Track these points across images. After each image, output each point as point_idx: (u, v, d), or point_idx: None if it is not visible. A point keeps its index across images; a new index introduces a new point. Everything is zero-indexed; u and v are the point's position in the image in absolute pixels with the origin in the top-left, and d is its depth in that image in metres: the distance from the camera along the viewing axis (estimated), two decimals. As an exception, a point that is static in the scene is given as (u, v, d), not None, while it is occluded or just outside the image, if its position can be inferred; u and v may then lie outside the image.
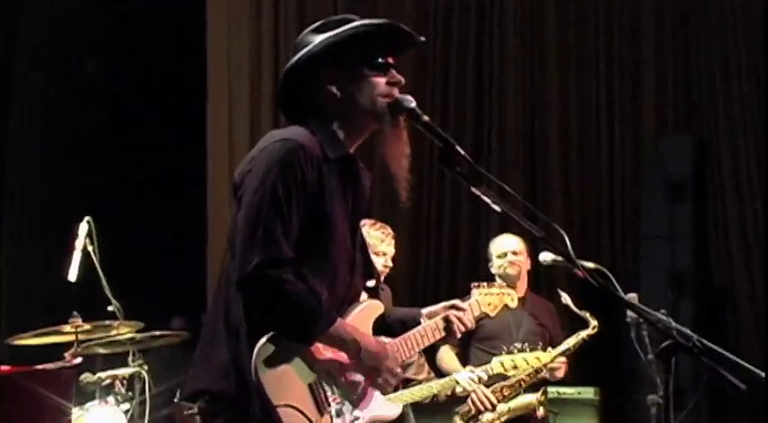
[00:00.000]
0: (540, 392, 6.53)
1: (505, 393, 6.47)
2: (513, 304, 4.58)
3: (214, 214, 9.21)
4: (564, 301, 6.47)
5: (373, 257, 5.99)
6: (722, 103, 9.23)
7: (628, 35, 9.72)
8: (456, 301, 4.06)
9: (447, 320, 3.94)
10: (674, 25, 9.58)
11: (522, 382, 6.48)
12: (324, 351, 3.49)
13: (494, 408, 6.39)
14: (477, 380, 5.75)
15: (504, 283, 4.66)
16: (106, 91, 9.97)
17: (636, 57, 9.66)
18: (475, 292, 4.35)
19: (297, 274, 3.40)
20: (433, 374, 6.19)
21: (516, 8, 9.94)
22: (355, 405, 3.57)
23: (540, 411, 6.53)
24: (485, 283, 4.46)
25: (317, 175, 3.45)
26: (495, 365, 5.88)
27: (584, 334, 6.54)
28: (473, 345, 6.75)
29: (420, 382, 6.00)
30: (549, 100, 9.81)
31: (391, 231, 6.23)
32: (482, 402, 6.39)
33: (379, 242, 6.13)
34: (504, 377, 6.39)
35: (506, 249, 6.90)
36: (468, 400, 6.46)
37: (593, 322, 6.49)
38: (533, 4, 9.95)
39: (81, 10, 9.61)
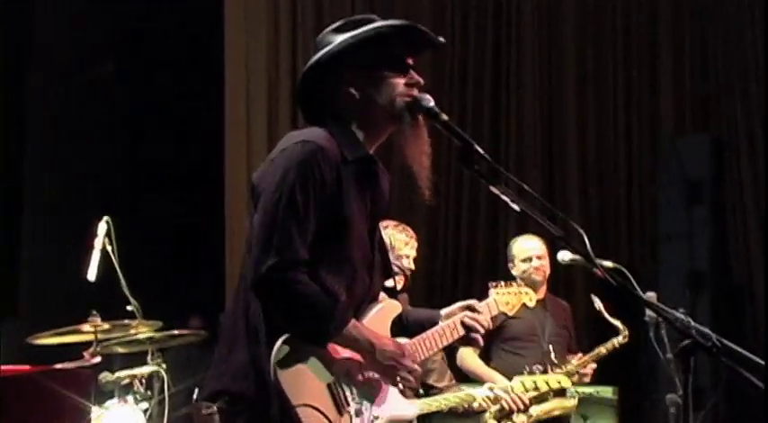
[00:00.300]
0: (569, 396, 6.52)
1: (535, 396, 6.48)
2: (532, 303, 4.59)
3: (232, 213, 9.22)
4: (597, 306, 6.43)
5: (396, 260, 6.04)
6: (740, 101, 9.22)
7: (645, 34, 9.72)
8: (473, 302, 4.04)
9: (464, 323, 3.92)
10: (691, 24, 9.57)
11: (518, 402, 6.48)
12: (341, 351, 3.49)
13: (526, 409, 6.39)
14: (494, 398, 5.74)
15: (522, 283, 4.65)
16: (124, 90, 9.98)
17: (653, 56, 9.65)
18: (492, 291, 4.34)
19: (312, 276, 3.41)
20: (454, 381, 6.15)
21: (533, 7, 9.94)
22: (374, 404, 3.57)
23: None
24: (502, 282, 4.46)
25: (336, 176, 3.45)
26: (516, 385, 5.87)
27: (615, 341, 6.54)
28: (497, 345, 6.72)
29: (441, 390, 5.96)
30: (566, 99, 9.81)
31: (413, 234, 6.23)
32: (515, 403, 6.39)
33: (403, 245, 6.13)
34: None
35: (532, 253, 6.82)
36: (504, 402, 6.45)
37: (625, 331, 6.48)
38: (551, 3, 9.94)
39: (96, 8, 9.62)
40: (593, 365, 6.57)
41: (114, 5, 9.66)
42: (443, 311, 3.99)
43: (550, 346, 6.65)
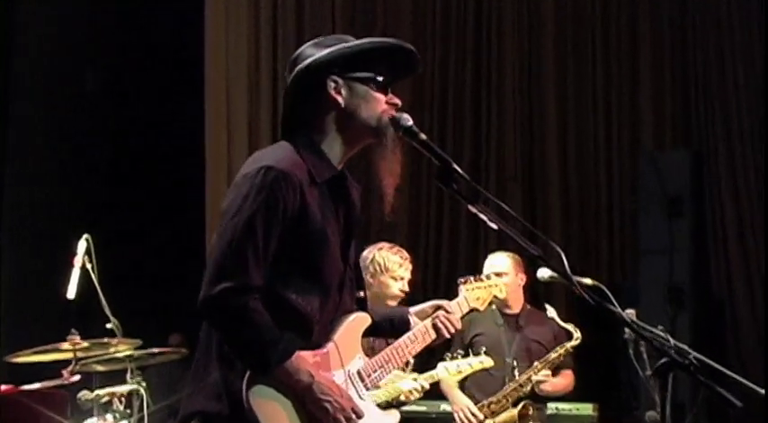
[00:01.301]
0: (521, 406, 6.57)
1: (493, 409, 6.56)
2: (502, 295, 4.66)
3: (212, 231, 9.20)
4: (549, 314, 6.54)
5: (390, 281, 6.06)
6: (720, 116, 9.25)
7: (625, 50, 9.75)
8: (443, 302, 4.09)
9: (435, 326, 3.96)
10: (671, 39, 9.60)
11: (507, 398, 6.54)
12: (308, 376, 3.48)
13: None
14: (420, 388, 5.74)
15: (492, 275, 4.67)
16: (104, 106, 9.97)
17: (633, 71, 9.68)
18: (462, 288, 4.38)
19: (280, 298, 3.42)
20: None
21: (514, 22, 9.97)
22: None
23: None
24: (471, 278, 4.48)
25: (300, 200, 3.44)
26: (441, 371, 5.87)
27: (567, 345, 6.61)
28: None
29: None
30: (546, 115, 9.83)
31: (408, 255, 6.24)
32: (469, 420, 6.47)
33: (398, 267, 6.14)
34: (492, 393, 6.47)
35: (491, 270, 6.74)
36: (456, 418, 6.52)
37: (577, 334, 6.59)
38: (531, 19, 9.98)
39: (77, 24, 9.61)
40: (546, 372, 6.60)
41: (94, 20, 9.67)
42: (413, 309, 4.03)
43: (514, 361, 6.70)
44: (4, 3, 9.31)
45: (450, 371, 5.83)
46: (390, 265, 6.10)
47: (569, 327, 6.58)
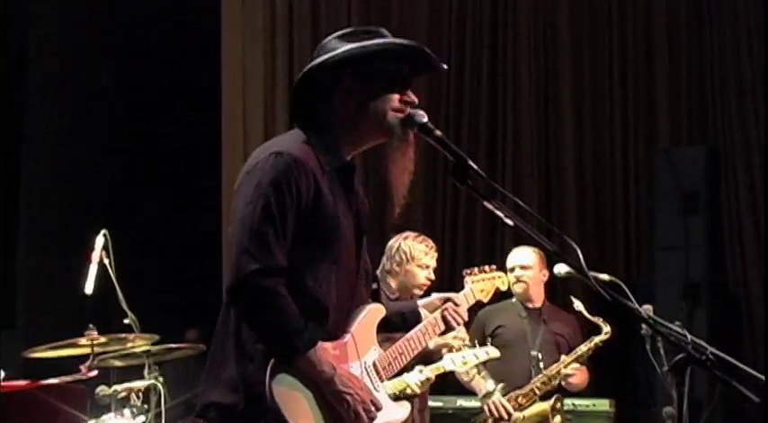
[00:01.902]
0: (554, 399, 6.57)
1: (521, 402, 6.55)
2: (504, 287, 4.72)
3: (229, 226, 9.22)
4: (576, 307, 6.53)
5: (417, 270, 6.09)
6: (736, 112, 9.22)
7: (641, 47, 9.72)
8: (451, 294, 4.12)
9: (444, 318, 4.00)
10: (687, 36, 9.57)
11: (536, 391, 6.54)
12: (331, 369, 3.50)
13: (510, 416, 6.45)
14: (425, 380, 5.75)
15: (495, 267, 4.69)
16: (121, 103, 10.00)
17: (649, 68, 9.66)
18: (467, 280, 4.41)
19: (298, 287, 3.43)
20: None
21: (530, 22, 9.95)
22: None
23: (557, 420, 6.57)
24: (476, 269, 4.51)
25: (314, 186, 3.47)
26: (446, 363, 5.88)
27: (597, 340, 6.61)
28: None
29: None
30: (562, 111, 9.81)
31: (433, 244, 6.30)
32: (498, 411, 6.45)
33: (423, 255, 6.19)
34: (518, 386, 6.47)
35: (514, 264, 6.88)
36: (485, 409, 6.51)
37: (606, 328, 6.55)
38: (546, 20, 9.96)
39: (93, 23, 9.64)
40: (576, 365, 6.59)
41: (111, 20, 9.69)
42: (421, 302, 4.06)
43: (539, 354, 6.70)
44: (16, 0, 9.35)
45: (455, 362, 5.85)
46: (416, 254, 6.16)
47: (598, 320, 6.55)
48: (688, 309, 8.44)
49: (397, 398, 5.63)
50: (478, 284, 4.43)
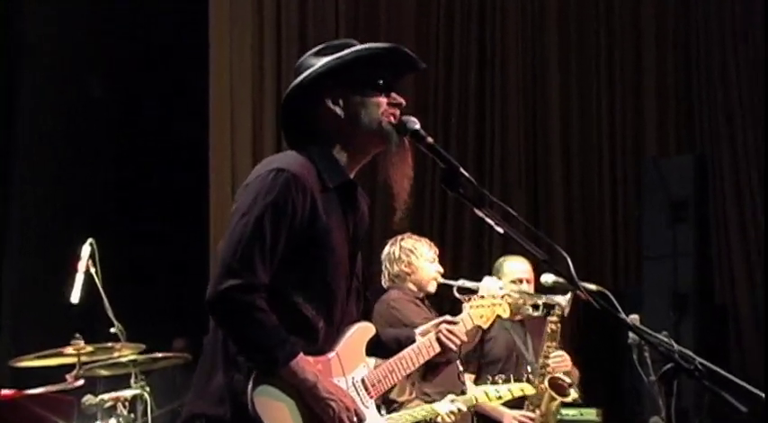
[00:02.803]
0: (547, 380, 6.46)
1: (535, 403, 6.46)
2: (506, 314, 4.62)
3: (216, 236, 9.20)
4: (523, 289, 6.44)
5: (427, 264, 6.09)
6: (723, 122, 9.25)
7: (629, 57, 9.76)
8: (447, 317, 4.10)
9: (439, 341, 3.96)
10: (674, 45, 9.61)
11: (540, 390, 6.46)
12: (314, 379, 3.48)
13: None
14: (457, 411, 5.72)
15: (493, 295, 4.65)
16: (110, 112, 9.99)
17: (636, 77, 9.69)
18: (465, 306, 4.37)
19: (286, 302, 3.43)
20: (414, 395, 6.12)
21: (518, 31, 9.99)
22: None
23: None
24: (474, 296, 4.48)
25: (311, 204, 3.46)
26: (480, 396, 5.84)
27: (554, 319, 6.45)
28: (483, 371, 6.67)
29: (402, 405, 5.94)
30: (551, 122, 9.86)
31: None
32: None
33: (428, 249, 6.24)
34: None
35: (523, 276, 6.67)
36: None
37: (561, 301, 6.36)
38: (535, 28, 10.00)
39: (84, 33, 9.64)
40: (559, 352, 6.50)
41: (102, 30, 9.69)
42: (418, 330, 4.02)
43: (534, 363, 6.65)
44: (10, 6, 9.33)
45: (490, 396, 5.79)
46: (422, 250, 6.20)
47: (550, 299, 6.40)
48: (676, 318, 8.46)
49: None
50: (477, 310, 4.37)
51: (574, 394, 6.50)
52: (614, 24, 9.83)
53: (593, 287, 4.96)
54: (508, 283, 6.60)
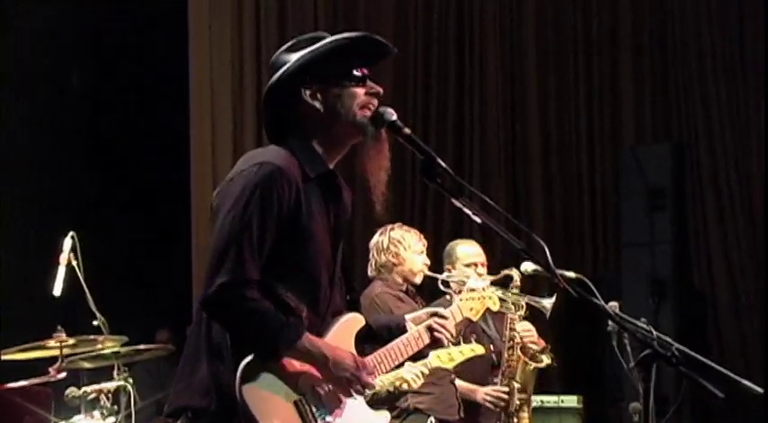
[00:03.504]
0: (519, 350, 6.49)
1: (513, 377, 6.48)
2: (496, 307, 4.62)
3: (198, 228, 9.22)
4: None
5: (415, 257, 6.10)
6: (700, 109, 9.29)
7: (605, 45, 9.79)
8: (439, 309, 4.10)
9: (431, 329, 3.96)
10: (650, 33, 9.64)
11: (512, 365, 6.48)
12: (301, 367, 3.50)
13: (510, 394, 6.40)
14: (420, 375, 5.73)
15: (482, 287, 4.66)
16: (90, 105, 9.99)
17: (613, 67, 9.73)
18: (456, 298, 4.38)
19: (271, 293, 3.45)
20: None
21: (495, 17, 10.02)
22: (343, 419, 3.58)
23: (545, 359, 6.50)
24: (464, 288, 4.49)
25: (296, 196, 3.48)
26: (433, 359, 5.85)
27: (512, 290, 6.45)
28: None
29: None
30: (529, 110, 9.89)
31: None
32: (500, 398, 6.42)
33: (416, 240, 6.26)
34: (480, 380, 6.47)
35: (477, 260, 6.69)
36: (488, 404, 6.44)
37: (513, 273, 6.33)
38: (512, 18, 10.02)
39: (63, 26, 9.63)
40: (526, 324, 6.50)
41: (80, 23, 9.69)
42: (409, 317, 4.02)
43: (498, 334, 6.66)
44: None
45: (442, 359, 5.81)
46: (411, 242, 6.22)
47: (505, 271, 6.40)
48: (654, 304, 8.51)
49: (391, 395, 5.68)
50: (467, 303, 4.36)
51: (547, 360, 6.53)
52: (591, 13, 9.85)
53: (571, 275, 4.98)
54: (461, 267, 6.63)
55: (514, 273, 6.30)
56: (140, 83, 9.83)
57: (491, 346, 6.58)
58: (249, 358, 3.38)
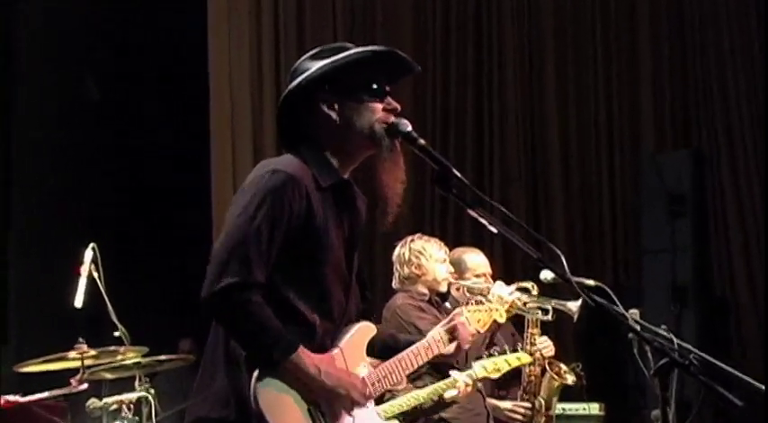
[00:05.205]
0: (548, 366, 6.45)
1: (535, 393, 6.46)
2: (502, 319, 4.60)
3: (219, 236, 9.22)
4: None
5: (438, 266, 6.07)
6: (720, 115, 9.28)
7: (625, 52, 9.78)
8: (455, 322, 4.06)
9: (451, 331, 3.96)
10: (670, 40, 9.63)
11: (534, 378, 6.46)
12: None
13: (532, 408, 6.38)
14: (463, 386, 5.71)
15: (491, 299, 4.64)
16: (111, 117, 10.02)
17: (633, 73, 9.72)
18: (463, 309, 4.37)
19: (282, 301, 3.46)
20: (411, 385, 6.09)
21: (513, 25, 10.02)
22: None
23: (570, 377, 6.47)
24: (473, 301, 4.48)
25: (306, 205, 3.48)
26: (479, 370, 5.82)
27: (531, 301, 6.42)
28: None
29: (399, 392, 5.91)
30: (548, 118, 9.88)
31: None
32: (523, 414, 6.40)
33: (437, 249, 6.20)
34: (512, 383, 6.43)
35: (486, 271, 6.60)
36: (513, 418, 6.42)
37: (531, 287, 6.24)
38: (531, 22, 10.02)
39: (82, 37, 9.67)
40: (544, 338, 6.47)
41: (100, 30, 9.71)
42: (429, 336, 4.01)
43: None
44: (3, 3, 9.36)
45: (488, 369, 5.79)
46: (432, 251, 6.16)
47: (521, 284, 6.40)
48: (676, 311, 8.49)
49: (440, 401, 5.66)
50: (475, 314, 4.31)
51: (572, 377, 6.50)
52: (610, 19, 9.85)
53: (591, 283, 4.98)
54: (473, 277, 6.53)
55: (530, 285, 6.26)
56: (160, 89, 9.85)
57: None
58: (262, 367, 3.39)
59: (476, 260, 6.70)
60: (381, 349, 3.86)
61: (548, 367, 6.45)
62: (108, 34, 9.86)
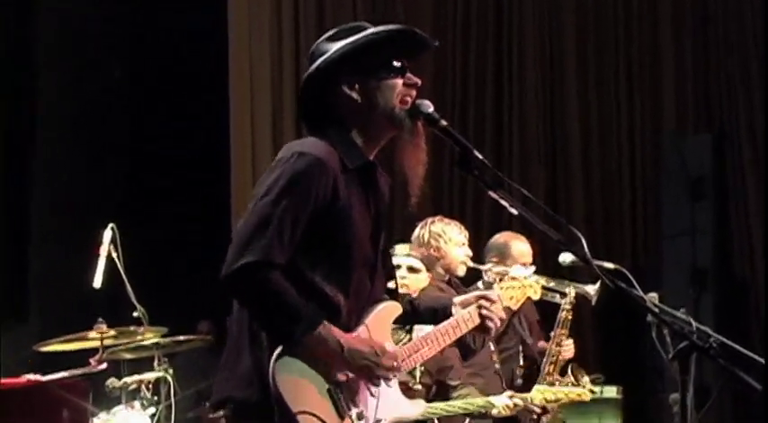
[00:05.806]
0: (570, 371, 6.43)
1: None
2: (536, 296, 4.54)
3: (238, 218, 9.21)
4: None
5: (456, 249, 6.09)
6: (742, 98, 9.23)
7: (647, 33, 9.74)
8: (487, 292, 4.07)
9: (481, 315, 3.93)
10: (692, 22, 9.59)
11: (548, 379, 6.44)
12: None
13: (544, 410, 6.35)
14: (512, 406, 5.69)
15: (524, 276, 4.61)
16: (131, 98, 10.04)
17: (655, 54, 9.68)
18: (496, 286, 4.35)
19: (307, 282, 3.45)
20: (461, 380, 6.05)
21: (534, 9, 9.98)
22: (377, 407, 3.58)
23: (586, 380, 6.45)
24: (506, 276, 4.45)
25: (333, 187, 3.48)
26: (536, 397, 5.79)
27: (567, 304, 6.41)
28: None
29: (455, 387, 5.89)
30: (568, 98, 9.84)
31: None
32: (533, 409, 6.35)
33: (457, 232, 6.25)
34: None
35: (529, 259, 6.57)
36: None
37: (569, 291, 6.33)
38: (552, 4, 9.98)
39: (102, 17, 9.68)
40: (570, 341, 6.47)
41: (120, 15, 9.73)
42: (457, 299, 4.00)
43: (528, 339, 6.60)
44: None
45: (546, 396, 5.78)
46: (452, 234, 6.21)
47: (559, 287, 6.39)
48: (695, 294, 8.47)
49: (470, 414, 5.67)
50: (508, 291, 4.27)
51: (588, 386, 6.45)
52: (632, 2, 9.81)
53: (610, 265, 4.98)
54: (520, 265, 6.52)
55: (590, 290, 6.28)
56: (180, 74, 9.86)
57: (520, 347, 6.56)
58: (282, 346, 3.39)
59: (522, 249, 6.69)
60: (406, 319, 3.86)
61: (570, 372, 6.42)
62: (129, 18, 9.87)
